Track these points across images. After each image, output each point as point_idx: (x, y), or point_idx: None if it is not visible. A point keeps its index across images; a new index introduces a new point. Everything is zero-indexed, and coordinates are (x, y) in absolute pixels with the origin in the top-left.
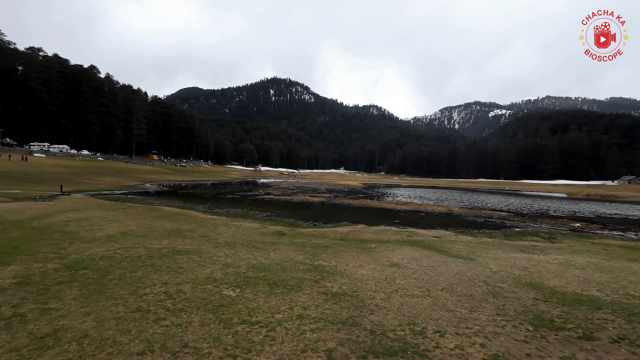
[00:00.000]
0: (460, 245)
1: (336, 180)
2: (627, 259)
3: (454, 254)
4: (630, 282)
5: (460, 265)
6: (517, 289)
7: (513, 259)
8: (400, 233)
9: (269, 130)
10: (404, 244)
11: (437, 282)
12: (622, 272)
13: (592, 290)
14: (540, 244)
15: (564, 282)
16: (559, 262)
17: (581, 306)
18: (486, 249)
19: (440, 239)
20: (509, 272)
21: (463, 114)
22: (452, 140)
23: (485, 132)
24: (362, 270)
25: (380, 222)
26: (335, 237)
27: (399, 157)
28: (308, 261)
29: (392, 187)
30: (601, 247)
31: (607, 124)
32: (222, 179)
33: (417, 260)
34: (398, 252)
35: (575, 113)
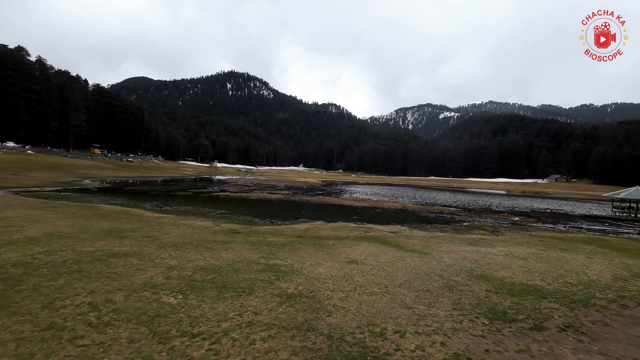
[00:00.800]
0: (415, 240)
1: (295, 177)
2: (560, 249)
3: (410, 248)
4: (566, 271)
5: (417, 259)
6: (470, 282)
7: (464, 252)
8: (358, 229)
9: (225, 125)
10: (362, 240)
11: (395, 278)
12: (559, 262)
13: (536, 280)
14: (487, 237)
15: (511, 273)
16: (505, 254)
17: (528, 296)
18: (439, 243)
19: (396, 234)
20: (461, 265)
21: (416, 115)
22: (406, 140)
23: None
24: (319, 268)
25: (339, 219)
26: (292, 234)
27: (357, 155)
28: (263, 260)
29: (350, 184)
30: (538, 238)
31: (538, 128)
32: (175, 176)
33: (375, 256)
34: (356, 249)
35: (513, 117)
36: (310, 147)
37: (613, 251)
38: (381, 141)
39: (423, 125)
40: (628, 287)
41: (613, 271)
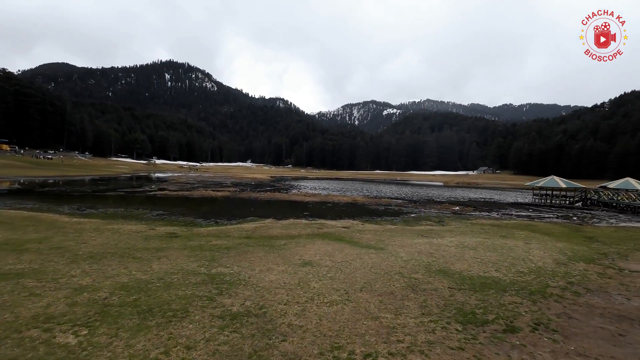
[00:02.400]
0: (368, 235)
1: (243, 173)
2: (500, 236)
3: (365, 244)
4: (514, 259)
5: (373, 256)
6: (431, 279)
7: (418, 244)
8: (310, 226)
9: (164, 119)
10: (315, 238)
11: (355, 279)
12: (504, 250)
13: (491, 272)
14: (435, 228)
15: (467, 266)
16: (455, 245)
17: (490, 290)
18: (392, 236)
19: (349, 229)
20: (418, 260)
21: (362, 111)
22: (353, 135)
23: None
24: (270, 275)
25: (290, 215)
26: (240, 235)
27: (306, 150)
28: (204, 270)
29: (300, 179)
30: (479, 226)
31: (469, 125)
32: (106, 174)
33: (331, 256)
34: (310, 248)
35: (448, 115)
36: (258, 142)
37: (543, 235)
38: (329, 136)
39: (368, 121)
40: (571, 271)
41: (552, 255)
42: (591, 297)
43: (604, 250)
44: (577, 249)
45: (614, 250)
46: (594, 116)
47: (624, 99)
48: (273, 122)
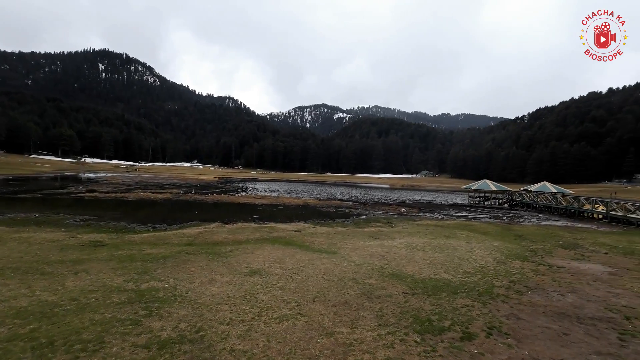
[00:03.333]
0: (320, 238)
1: (188, 174)
2: (444, 237)
3: (317, 248)
4: (460, 259)
5: (326, 261)
6: (385, 284)
7: (369, 247)
8: (260, 230)
9: (98, 113)
10: (265, 243)
11: (307, 289)
12: (449, 250)
13: (441, 273)
14: (384, 229)
15: (418, 268)
16: (405, 246)
17: (442, 293)
18: (344, 239)
19: (300, 232)
20: (371, 264)
21: (313, 114)
22: (304, 137)
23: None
24: (212, 287)
25: (238, 219)
26: (180, 242)
27: (256, 152)
28: (131, 285)
29: (250, 181)
30: (424, 227)
31: (412, 131)
32: (22, 173)
33: (281, 262)
34: (259, 254)
35: (394, 121)
36: (205, 142)
37: (481, 235)
38: (280, 138)
39: (319, 124)
40: (510, 270)
41: (491, 255)
42: (532, 296)
43: (533, 247)
44: (511, 247)
45: (540, 247)
46: (516, 127)
47: (539, 113)
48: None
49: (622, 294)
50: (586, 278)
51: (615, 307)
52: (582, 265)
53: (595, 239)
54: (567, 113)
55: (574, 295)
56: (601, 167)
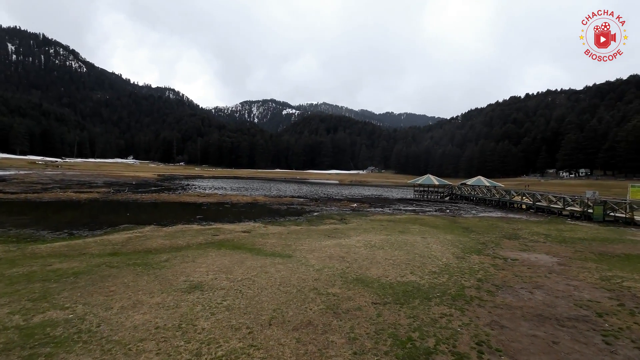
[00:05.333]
0: (273, 239)
1: (122, 171)
2: (399, 232)
3: (270, 251)
4: (422, 257)
5: (281, 267)
6: (351, 292)
7: (327, 247)
8: (204, 232)
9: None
10: (209, 247)
11: (261, 306)
12: (408, 247)
13: (408, 275)
14: (339, 227)
15: (383, 271)
16: (363, 244)
17: (414, 300)
18: (299, 239)
19: (250, 233)
20: (331, 268)
21: (261, 109)
22: (252, 133)
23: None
24: (137, 314)
25: (179, 220)
26: (102, 251)
27: (201, 147)
28: (18, 319)
29: (194, 178)
30: (378, 223)
31: (359, 128)
32: None
33: (228, 272)
34: (201, 262)
35: (342, 118)
36: (142, 136)
37: (432, 228)
38: (227, 133)
39: (268, 119)
40: (472, 266)
41: (449, 250)
42: (504, 296)
43: (482, 239)
44: (462, 240)
45: (488, 239)
46: (451, 126)
47: (471, 114)
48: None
49: (580, 287)
50: (542, 270)
51: (583, 303)
52: (531, 257)
53: (530, 229)
54: (493, 115)
55: (541, 292)
56: (521, 162)
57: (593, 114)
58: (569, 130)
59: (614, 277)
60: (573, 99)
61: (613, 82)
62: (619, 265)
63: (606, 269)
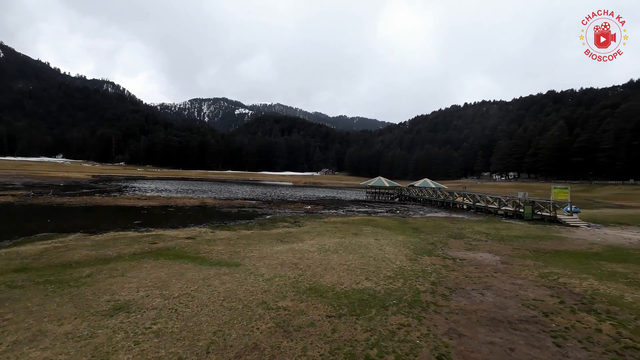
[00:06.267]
0: (220, 246)
1: (48, 171)
2: (353, 234)
3: (216, 260)
4: (376, 260)
5: (227, 279)
6: (303, 305)
7: (279, 253)
8: (141, 240)
9: None
10: (145, 258)
11: (199, 329)
12: (362, 249)
13: (363, 282)
14: (292, 230)
15: (337, 277)
16: (317, 249)
17: (371, 309)
18: (249, 245)
19: (195, 239)
20: (283, 276)
21: (212, 107)
22: (202, 132)
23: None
24: (34, 350)
25: (113, 226)
26: (6, 267)
27: (145, 146)
28: None
29: (135, 179)
30: (332, 225)
31: (314, 130)
32: None
33: (164, 287)
34: (133, 276)
35: (296, 120)
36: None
37: (384, 229)
38: (175, 132)
39: (219, 118)
40: (425, 268)
41: (401, 251)
42: (458, 299)
43: (431, 239)
44: (413, 241)
45: (437, 239)
46: (400, 131)
47: (417, 120)
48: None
49: (524, 285)
50: (488, 270)
51: (530, 303)
52: (477, 256)
53: (472, 228)
54: (437, 121)
55: (491, 293)
56: (461, 166)
57: (520, 124)
58: (500, 138)
59: (551, 273)
60: (504, 109)
61: (535, 95)
62: (552, 261)
63: (542, 266)
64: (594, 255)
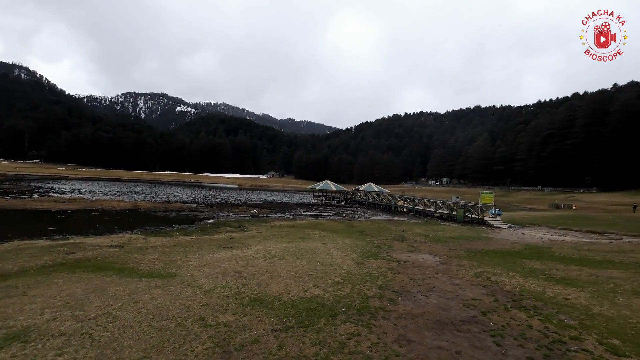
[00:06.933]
0: (153, 254)
1: None
2: (300, 239)
3: (146, 270)
4: (324, 265)
5: (158, 293)
6: (247, 319)
7: (221, 261)
8: (53, 250)
9: None
10: (58, 271)
11: (119, 357)
12: (309, 254)
13: (311, 289)
14: (237, 235)
15: (284, 285)
16: (263, 255)
17: (319, 319)
18: (187, 253)
19: (123, 247)
20: (225, 287)
21: (150, 103)
22: (138, 129)
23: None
24: None
25: (18, 234)
26: None
27: (67, 142)
28: None
29: (54, 179)
30: (278, 229)
31: (261, 132)
32: None
33: (78, 306)
34: (37, 294)
35: (243, 121)
36: None
37: (332, 233)
38: (105, 127)
39: (158, 115)
40: (372, 272)
41: (349, 255)
42: (404, 302)
43: (376, 242)
44: (359, 244)
45: (381, 241)
46: (346, 137)
47: (363, 126)
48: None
49: (463, 285)
50: (430, 271)
51: (469, 303)
52: (419, 257)
53: (412, 230)
54: (380, 128)
55: (435, 295)
56: (401, 171)
57: (452, 134)
58: (435, 146)
59: (484, 272)
60: (438, 121)
61: (464, 109)
62: (483, 260)
63: (476, 265)
64: (517, 253)
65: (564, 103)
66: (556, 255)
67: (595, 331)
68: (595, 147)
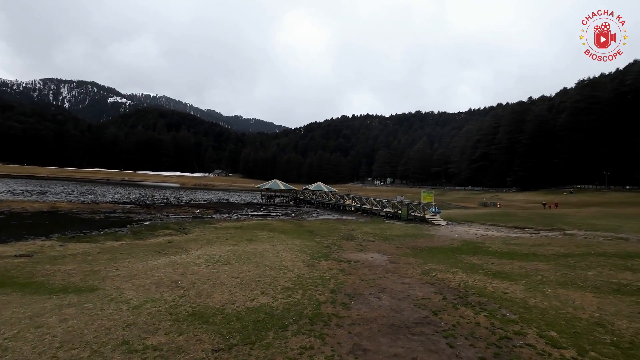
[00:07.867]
0: (71, 264)
1: None
2: (247, 241)
3: (59, 285)
4: (272, 269)
5: (72, 312)
6: (182, 338)
7: (155, 270)
8: None
9: None
10: None
11: None
12: (257, 258)
13: (258, 297)
14: (176, 239)
15: (228, 294)
16: (205, 260)
17: (268, 332)
18: (114, 261)
19: (32, 257)
20: (157, 301)
21: (76, 92)
22: (60, 120)
23: (104, 118)
24: None
25: None
26: None
27: None
28: None
29: None
30: (223, 231)
31: (206, 129)
32: None
33: None
34: None
35: (186, 116)
36: None
37: (281, 234)
38: (17, 116)
39: (86, 106)
40: (323, 275)
41: (299, 257)
42: (357, 306)
43: (325, 242)
44: (309, 245)
45: (331, 241)
46: (296, 136)
47: (312, 126)
48: None
49: (412, 284)
50: (379, 270)
51: (420, 302)
52: (368, 257)
53: (361, 229)
54: (329, 129)
55: (387, 296)
56: (349, 171)
57: (395, 136)
58: (380, 148)
59: (430, 270)
60: (383, 123)
61: (407, 114)
62: (428, 257)
63: (422, 263)
64: (456, 249)
65: (490, 112)
66: (490, 250)
67: (534, 324)
68: (515, 152)
